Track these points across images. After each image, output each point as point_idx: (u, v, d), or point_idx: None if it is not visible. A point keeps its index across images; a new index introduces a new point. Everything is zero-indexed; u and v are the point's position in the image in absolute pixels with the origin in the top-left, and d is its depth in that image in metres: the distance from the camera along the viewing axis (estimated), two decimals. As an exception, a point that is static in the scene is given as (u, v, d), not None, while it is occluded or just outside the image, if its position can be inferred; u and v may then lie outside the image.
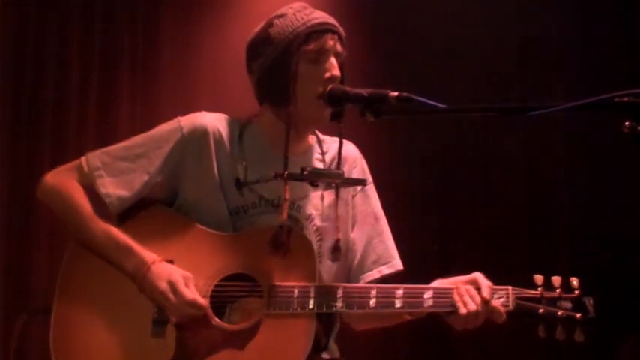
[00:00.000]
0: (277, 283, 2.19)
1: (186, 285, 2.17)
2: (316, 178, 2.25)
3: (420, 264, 2.29)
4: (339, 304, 2.16)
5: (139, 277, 2.19)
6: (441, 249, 4.18)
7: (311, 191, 2.36)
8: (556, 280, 2.14)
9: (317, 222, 2.36)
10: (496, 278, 2.07)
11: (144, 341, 2.19)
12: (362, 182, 2.36)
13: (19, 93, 4.24)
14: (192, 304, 2.15)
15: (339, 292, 2.17)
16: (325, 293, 2.17)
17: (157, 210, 2.33)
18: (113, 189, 2.27)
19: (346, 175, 2.32)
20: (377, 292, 2.16)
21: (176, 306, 2.15)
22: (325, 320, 2.24)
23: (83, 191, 2.29)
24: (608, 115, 1.78)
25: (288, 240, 2.19)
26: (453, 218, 4.31)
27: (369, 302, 2.15)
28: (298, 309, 2.15)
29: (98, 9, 4.37)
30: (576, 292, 2.13)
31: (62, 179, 2.31)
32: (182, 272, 2.19)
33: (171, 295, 2.16)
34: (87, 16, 4.34)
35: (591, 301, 2.13)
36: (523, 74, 4.31)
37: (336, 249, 2.27)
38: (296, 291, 2.17)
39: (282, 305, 2.16)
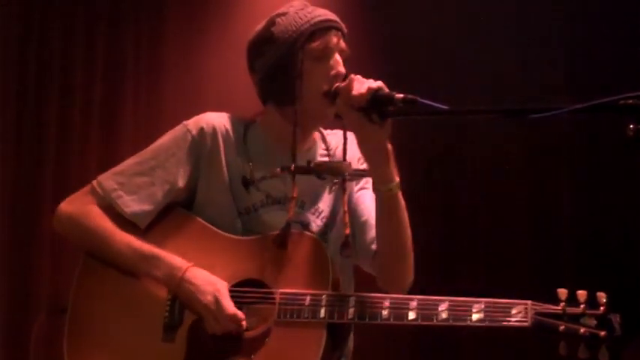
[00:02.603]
0: (289, 290, 2.14)
1: (227, 296, 2.15)
2: (323, 171, 2.23)
3: (422, 265, 2.25)
4: (351, 314, 2.09)
5: (173, 285, 2.18)
6: (443, 250, 4.09)
7: (318, 185, 2.33)
8: (581, 294, 2.00)
9: (325, 214, 2.34)
10: (497, 278, 1.98)
11: (155, 346, 2.18)
12: (368, 174, 2.29)
13: (23, 92, 4.28)
14: (234, 318, 2.12)
15: (351, 302, 2.10)
16: (337, 302, 2.10)
17: (176, 213, 2.32)
18: (137, 206, 2.26)
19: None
20: (390, 303, 2.08)
21: (219, 321, 2.13)
22: (340, 331, 2.17)
23: (100, 212, 2.28)
24: (611, 117, 1.74)
25: (291, 238, 2.17)
26: (456, 219, 4.22)
27: (381, 313, 2.07)
28: (309, 318, 2.10)
29: (102, 9, 4.40)
30: (602, 308, 1.99)
31: (77, 206, 2.30)
32: (223, 282, 2.16)
33: (213, 310, 2.13)
34: (91, 15, 4.37)
35: (618, 319, 1.99)
36: (527, 75, 4.16)
37: (346, 245, 2.21)
38: (308, 299, 2.12)
39: (293, 313, 2.11)
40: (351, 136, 2.30)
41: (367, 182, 2.35)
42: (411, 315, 2.06)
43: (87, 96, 4.31)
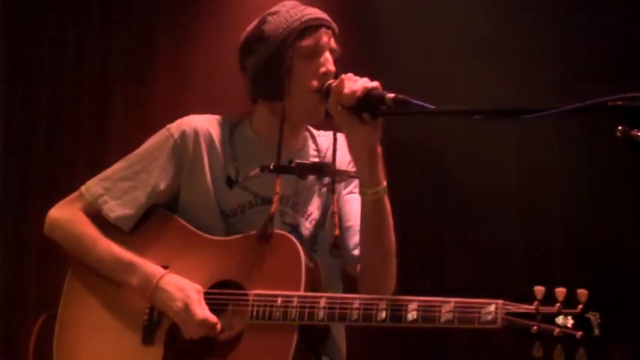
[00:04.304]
0: (262, 291, 2.10)
1: (199, 301, 2.14)
2: (305, 170, 2.22)
3: (412, 265, 2.17)
4: (321, 314, 2.04)
5: (149, 293, 2.19)
6: (437, 252, 3.94)
7: (308, 187, 2.31)
8: (560, 292, 1.86)
9: (314, 217, 2.31)
10: (493, 278, 1.87)
11: (135, 349, 2.19)
12: (354, 175, 2.24)
13: (11, 96, 4.30)
14: (203, 324, 2.11)
15: (322, 302, 2.05)
16: (308, 303, 2.05)
17: (158, 214, 2.34)
18: (121, 210, 2.29)
19: (338, 167, 2.26)
20: (359, 304, 2.02)
21: (191, 327, 2.12)
22: (314, 332, 2.12)
23: (85, 218, 2.31)
24: (605, 118, 1.74)
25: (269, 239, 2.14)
26: (450, 220, 4.05)
27: (350, 314, 2.01)
28: (280, 319, 2.06)
29: (92, 16, 4.38)
30: (580, 306, 1.85)
31: (64, 212, 2.34)
32: (195, 287, 2.16)
33: (184, 316, 2.13)
34: (80, 21, 4.37)
35: (597, 318, 1.84)
36: (524, 76, 3.93)
37: (335, 246, 2.19)
38: (279, 300, 2.07)
39: (264, 315, 2.07)
40: (342, 138, 2.24)
41: (356, 187, 2.29)
42: (380, 316, 1.99)
43: (76, 101, 4.34)
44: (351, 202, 2.32)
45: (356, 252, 2.27)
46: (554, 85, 3.86)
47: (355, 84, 2.07)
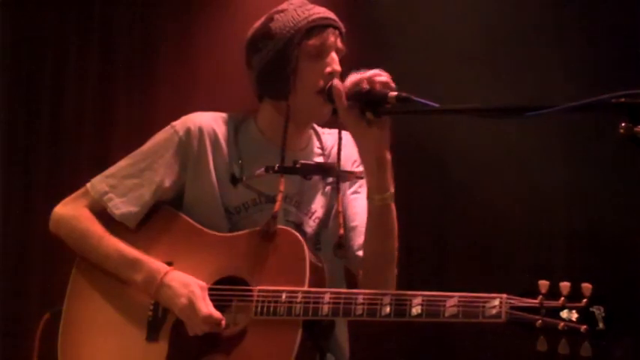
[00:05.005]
0: (266, 287, 2.11)
1: (203, 297, 2.14)
2: (309, 171, 2.23)
3: (417, 264, 2.16)
4: (325, 309, 2.04)
5: (153, 290, 2.20)
6: (439, 251, 3.94)
7: (312, 186, 2.31)
8: (564, 286, 1.86)
9: (318, 215, 2.31)
10: (494, 278, 1.86)
11: (140, 345, 2.20)
12: (359, 176, 2.26)
13: (15, 93, 4.32)
14: (208, 320, 2.11)
15: (326, 298, 2.05)
16: (312, 298, 2.06)
17: (163, 211, 2.35)
18: (126, 208, 2.30)
19: (344, 167, 2.26)
20: (364, 299, 2.02)
21: (195, 323, 2.13)
22: (318, 327, 2.12)
23: (91, 215, 2.33)
24: (607, 115, 1.73)
25: (274, 235, 2.15)
26: (450, 218, 4.04)
27: (355, 309, 2.01)
28: (284, 315, 2.06)
29: (95, 13, 4.38)
30: (584, 300, 1.85)
31: (70, 209, 2.35)
32: (199, 283, 2.17)
33: (188, 313, 2.14)
34: (84, 18, 4.37)
35: (602, 312, 1.84)
36: (525, 75, 3.91)
37: (339, 246, 2.19)
38: (284, 295, 2.08)
39: (269, 310, 2.08)
40: (347, 136, 2.25)
41: (361, 186, 2.31)
42: (385, 310, 1.99)
43: (80, 98, 4.33)
44: (356, 202, 2.32)
45: (360, 253, 2.27)
46: (554, 84, 3.85)
47: (354, 77, 2.09)
